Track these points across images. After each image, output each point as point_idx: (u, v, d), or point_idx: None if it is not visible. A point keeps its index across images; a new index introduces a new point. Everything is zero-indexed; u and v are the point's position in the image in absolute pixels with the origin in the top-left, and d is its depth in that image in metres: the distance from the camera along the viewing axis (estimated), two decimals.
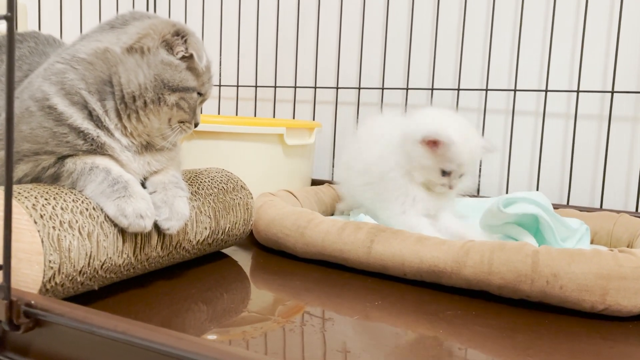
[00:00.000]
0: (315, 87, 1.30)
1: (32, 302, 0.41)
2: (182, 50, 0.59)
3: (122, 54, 0.57)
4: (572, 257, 0.57)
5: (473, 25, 1.14)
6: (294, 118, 1.34)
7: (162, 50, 0.58)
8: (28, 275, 0.48)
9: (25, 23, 1.29)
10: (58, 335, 0.42)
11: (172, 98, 0.59)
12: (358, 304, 0.58)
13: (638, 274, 0.55)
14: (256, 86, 1.36)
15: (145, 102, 0.58)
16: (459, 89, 1.15)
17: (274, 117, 1.36)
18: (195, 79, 0.61)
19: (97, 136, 0.57)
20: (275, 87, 1.34)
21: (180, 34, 0.59)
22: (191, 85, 0.61)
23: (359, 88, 1.25)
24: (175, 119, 0.62)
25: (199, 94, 0.63)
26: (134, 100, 0.58)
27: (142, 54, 0.57)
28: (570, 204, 1.06)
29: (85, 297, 0.55)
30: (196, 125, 0.65)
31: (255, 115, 1.38)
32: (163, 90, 0.58)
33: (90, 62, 0.57)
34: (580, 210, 0.92)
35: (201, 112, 0.72)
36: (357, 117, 1.26)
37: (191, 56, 0.60)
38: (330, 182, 1.14)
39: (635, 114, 1.02)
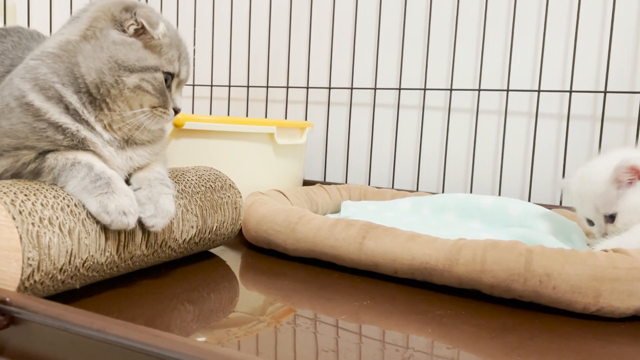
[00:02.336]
0: (307, 88, 1.29)
1: (7, 299, 0.40)
2: (132, 24, 0.56)
3: (80, 42, 0.56)
4: (566, 258, 0.56)
5: (466, 25, 1.14)
6: (286, 118, 1.33)
7: (112, 30, 0.56)
8: (6, 273, 0.46)
9: (14, 21, 1.28)
10: (34, 334, 0.40)
11: (131, 80, 0.56)
12: (347, 304, 0.57)
13: (632, 275, 0.54)
14: (248, 86, 1.35)
15: (108, 89, 0.56)
16: (451, 89, 1.14)
17: (266, 117, 1.35)
18: (156, 57, 0.58)
19: (77, 130, 0.55)
20: (267, 87, 1.33)
21: (130, 9, 0.57)
22: (151, 64, 0.57)
23: (351, 88, 1.25)
24: (146, 104, 0.59)
25: (169, 74, 0.60)
26: (98, 89, 0.56)
27: (96, 39, 0.56)
28: (563, 204, 1.05)
29: (67, 296, 0.53)
30: (176, 111, 0.62)
31: (247, 116, 1.37)
32: (120, 72, 0.56)
33: (58, 55, 0.56)
34: (573, 211, 0.91)
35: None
36: (350, 118, 1.26)
37: (143, 28, 0.57)
38: (321, 183, 1.13)
39: (627, 114, 1.02)
